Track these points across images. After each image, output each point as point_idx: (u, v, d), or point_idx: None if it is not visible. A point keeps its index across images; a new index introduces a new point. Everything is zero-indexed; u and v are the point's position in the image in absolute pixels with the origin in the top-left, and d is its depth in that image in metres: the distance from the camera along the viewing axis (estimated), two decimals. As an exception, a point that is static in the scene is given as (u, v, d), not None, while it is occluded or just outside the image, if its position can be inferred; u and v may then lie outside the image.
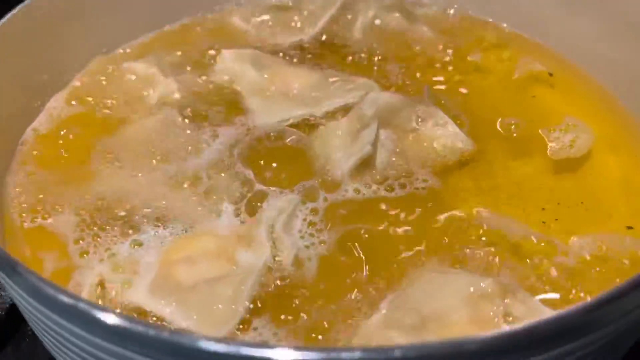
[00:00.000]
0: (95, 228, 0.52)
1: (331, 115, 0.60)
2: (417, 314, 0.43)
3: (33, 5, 0.60)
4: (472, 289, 0.44)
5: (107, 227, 0.52)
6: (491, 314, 0.43)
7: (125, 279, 0.48)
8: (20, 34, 0.60)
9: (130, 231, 0.51)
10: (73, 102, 0.63)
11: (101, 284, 0.47)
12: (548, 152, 0.58)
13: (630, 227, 0.52)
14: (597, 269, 0.49)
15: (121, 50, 0.69)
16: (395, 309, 0.45)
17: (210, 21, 0.74)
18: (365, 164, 0.55)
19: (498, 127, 0.61)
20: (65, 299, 0.34)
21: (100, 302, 0.46)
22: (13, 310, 0.59)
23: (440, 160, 0.57)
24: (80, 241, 0.51)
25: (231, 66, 0.66)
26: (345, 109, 0.60)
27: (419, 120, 0.59)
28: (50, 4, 0.62)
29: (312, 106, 0.61)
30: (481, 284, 0.44)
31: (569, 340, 0.35)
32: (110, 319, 0.32)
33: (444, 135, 0.58)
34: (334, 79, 0.64)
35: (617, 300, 0.35)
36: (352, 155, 0.56)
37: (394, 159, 0.56)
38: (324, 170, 0.56)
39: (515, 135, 0.60)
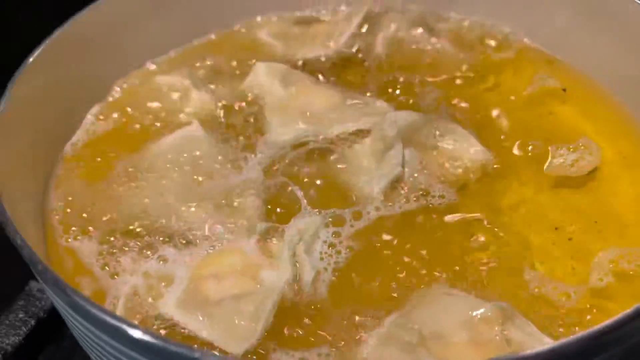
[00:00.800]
0: (130, 244, 0.54)
1: (343, 138, 0.61)
2: (417, 333, 0.45)
3: (72, 26, 0.64)
4: (472, 313, 0.46)
5: (141, 244, 0.54)
6: (491, 337, 0.44)
7: (157, 292, 0.51)
8: (60, 53, 0.63)
9: (163, 247, 0.54)
10: (109, 117, 0.66)
11: (135, 296, 0.51)
12: (545, 167, 0.59)
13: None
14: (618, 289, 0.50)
15: (154, 66, 0.72)
16: (397, 327, 0.47)
17: (237, 35, 0.76)
18: (393, 185, 0.56)
19: (515, 145, 0.61)
20: (98, 314, 0.39)
21: (133, 312, 0.50)
22: (54, 311, 0.62)
23: (462, 177, 0.58)
24: (115, 257, 0.54)
25: (262, 79, 0.66)
26: (359, 133, 0.61)
27: (440, 136, 0.60)
28: (87, 23, 0.65)
29: (326, 128, 0.61)
30: (482, 308, 0.46)
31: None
32: (136, 333, 0.38)
33: (465, 150, 0.59)
34: (353, 101, 0.65)
35: (617, 330, 0.37)
36: (382, 177, 0.56)
37: (419, 177, 0.57)
38: (351, 191, 0.57)
39: (529, 153, 0.61)
